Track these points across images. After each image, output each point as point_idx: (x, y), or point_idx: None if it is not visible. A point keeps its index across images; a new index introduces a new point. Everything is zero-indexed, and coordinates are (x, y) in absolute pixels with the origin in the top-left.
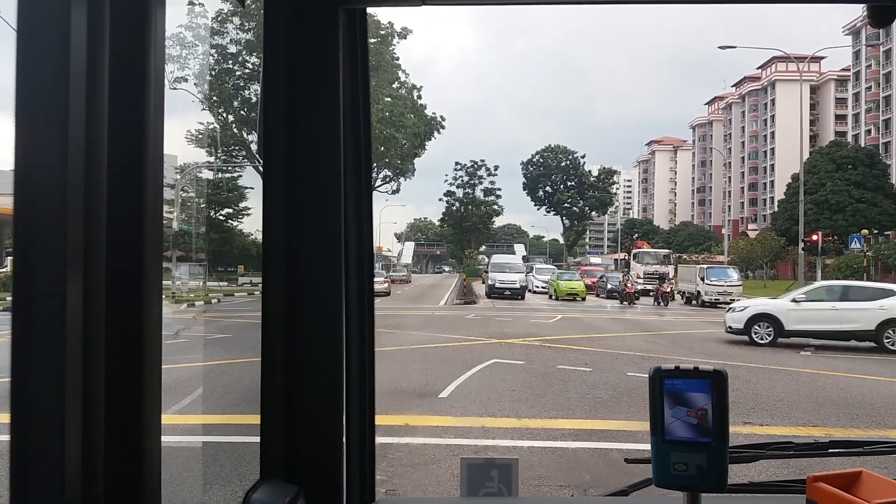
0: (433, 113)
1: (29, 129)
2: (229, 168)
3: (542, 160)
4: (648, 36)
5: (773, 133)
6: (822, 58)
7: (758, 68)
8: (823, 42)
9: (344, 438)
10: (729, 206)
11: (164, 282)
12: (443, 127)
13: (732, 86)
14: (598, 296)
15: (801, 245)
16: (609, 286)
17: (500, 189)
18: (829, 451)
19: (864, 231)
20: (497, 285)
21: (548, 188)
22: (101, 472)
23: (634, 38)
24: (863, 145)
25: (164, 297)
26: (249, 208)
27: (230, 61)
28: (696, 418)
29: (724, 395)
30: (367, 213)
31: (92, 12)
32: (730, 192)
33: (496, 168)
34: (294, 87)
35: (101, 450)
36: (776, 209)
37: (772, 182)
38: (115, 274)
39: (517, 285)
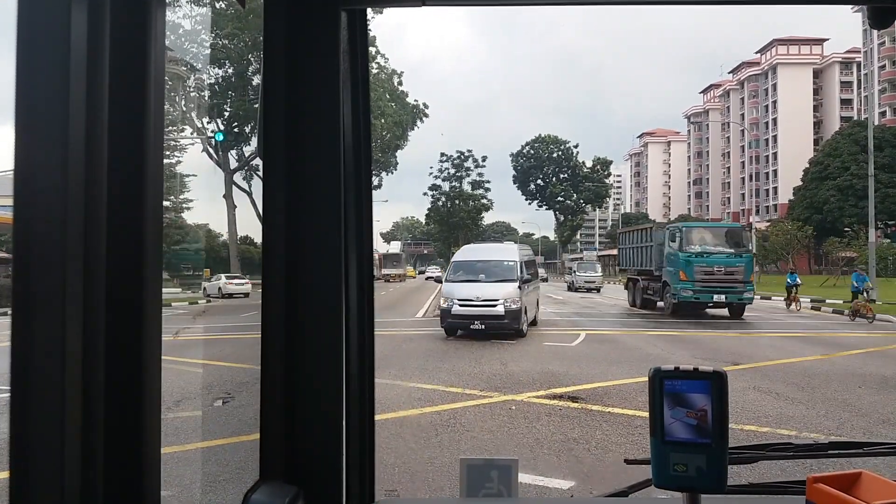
0: (415, 100)
1: (29, 130)
2: (167, 154)
3: (532, 151)
4: (653, 32)
5: (774, 119)
6: (826, 39)
7: (757, 52)
8: (831, 33)
9: (344, 438)
10: (728, 198)
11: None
12: (426, 115)
13: (729, 72)
14: None
15: (875, 231)
16: None
17: (489, 182)
18: (829, 452)
19: None
20: (456, 309)
21: (539, 181)
22: (101, 473)
23: (639, 34)
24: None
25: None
26: (191, 200)
27: (183, 39)
28: (695, 419)
29: (724, 396)
30: (367, 214)
31: (92, 12)
32: (728, 182)
33: (484, 159)
34: (294, 87)
35: (100, 450)
36: (788, 198)
37: (775, 171)
38: (114, 274)
39: (499, 308)
